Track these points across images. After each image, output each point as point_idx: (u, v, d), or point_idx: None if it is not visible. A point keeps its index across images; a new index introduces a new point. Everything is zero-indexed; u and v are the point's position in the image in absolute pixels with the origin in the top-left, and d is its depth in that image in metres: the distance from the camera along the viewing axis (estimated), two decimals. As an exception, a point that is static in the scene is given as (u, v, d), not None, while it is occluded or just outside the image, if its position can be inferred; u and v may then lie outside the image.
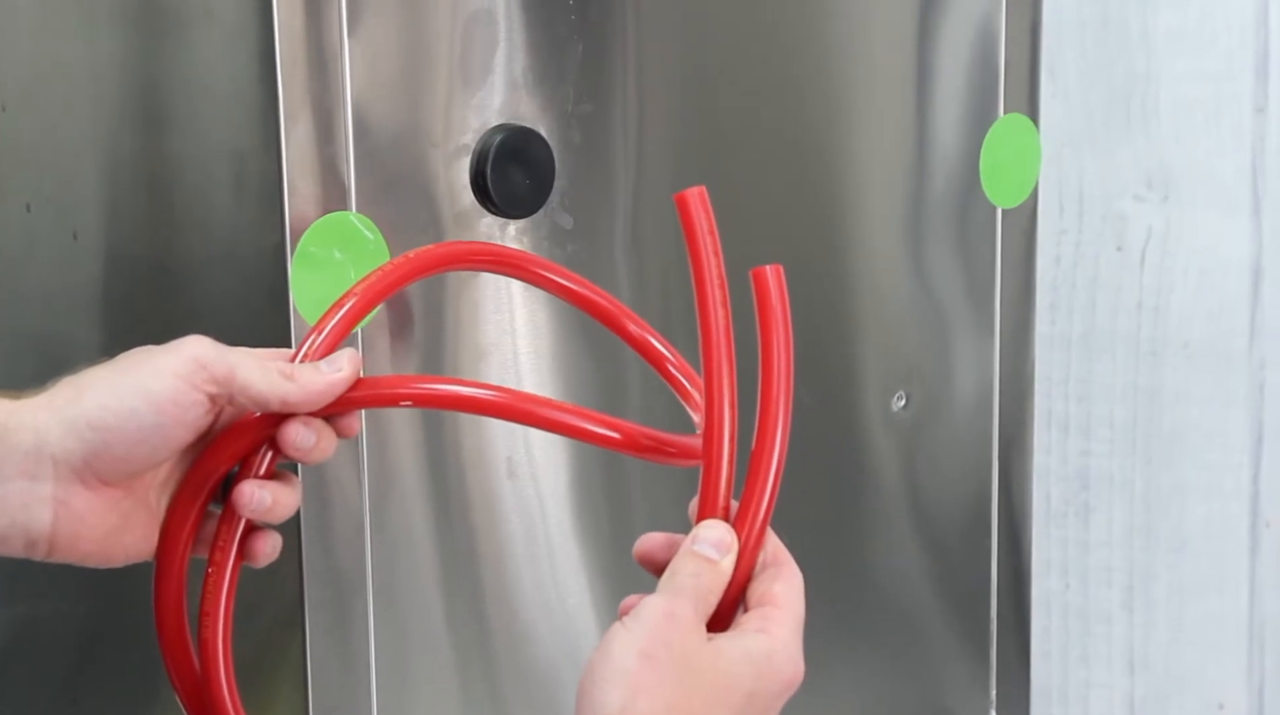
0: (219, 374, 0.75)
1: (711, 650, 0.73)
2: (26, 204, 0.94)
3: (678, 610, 0.73)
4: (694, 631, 0.73)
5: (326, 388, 0.77)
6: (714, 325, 0.79)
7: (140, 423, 0.75)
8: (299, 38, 0.92)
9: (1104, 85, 1.43)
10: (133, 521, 0.78)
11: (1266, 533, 1.50)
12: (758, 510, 0.79)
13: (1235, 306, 1.46)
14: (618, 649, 0.72)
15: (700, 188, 0.81)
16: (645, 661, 0.71)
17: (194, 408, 0.75)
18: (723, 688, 0.73)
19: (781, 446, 0.80)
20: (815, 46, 1.15)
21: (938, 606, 1.31)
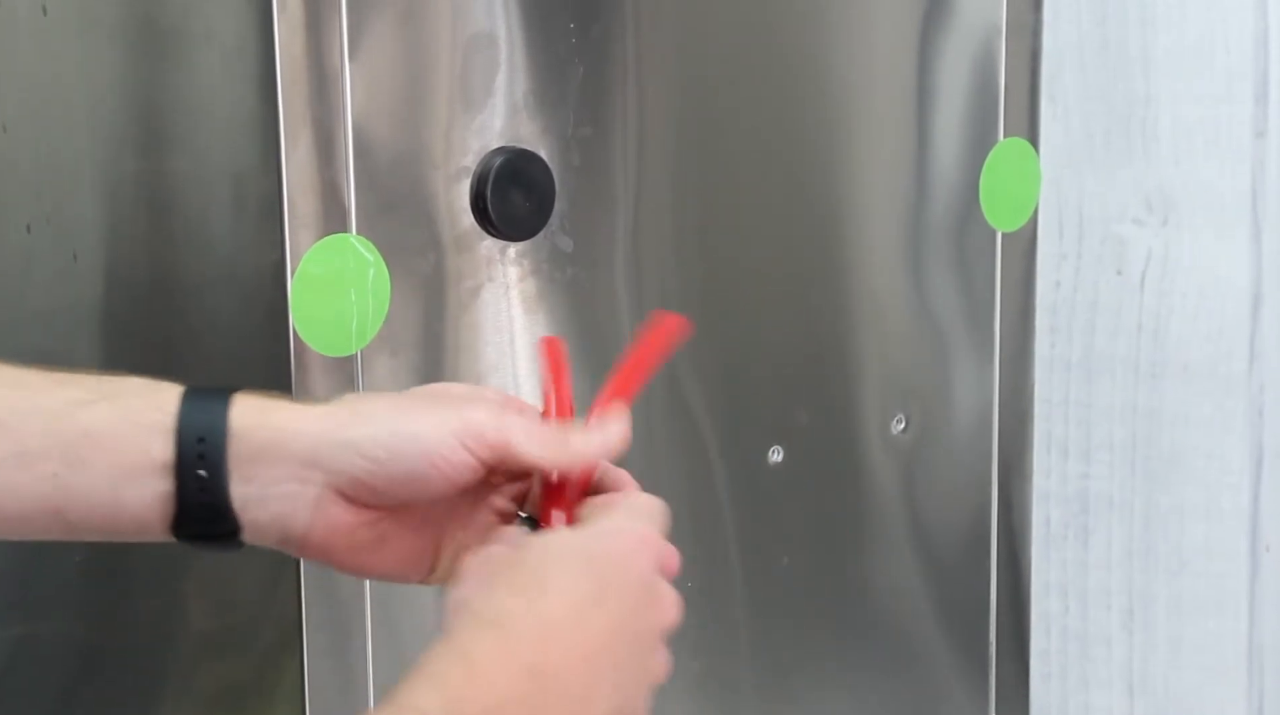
0: (495, 443, 0.78)
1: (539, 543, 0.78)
2: (27, 224, 0.94)
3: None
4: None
5: (599, 451, 0.80)
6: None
7: (407, 467, 0.77)
8: (300, 59, 0.92)
9: (1103, 109, 1.43)
10: (391, 544, 0.80)
11: (1266, 556, 1.49)
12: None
13: (1235, 329, 1.46)
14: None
15: (680, 321, 0.84)
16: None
17: (462, 467, 0.77)
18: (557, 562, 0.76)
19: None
20: (816, 72, 1.16)
21: (937, 628, 1.30)
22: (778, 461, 1.18)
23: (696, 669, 1.16)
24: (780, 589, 1.20)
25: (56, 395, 0.78)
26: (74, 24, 0.91)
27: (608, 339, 1.08)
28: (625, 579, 0.77)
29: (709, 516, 1.15)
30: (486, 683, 0.70)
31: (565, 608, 0.74)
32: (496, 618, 0.73)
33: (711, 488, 1.15)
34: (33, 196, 0.93)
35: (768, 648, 1.20)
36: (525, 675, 0.71)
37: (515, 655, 0.71)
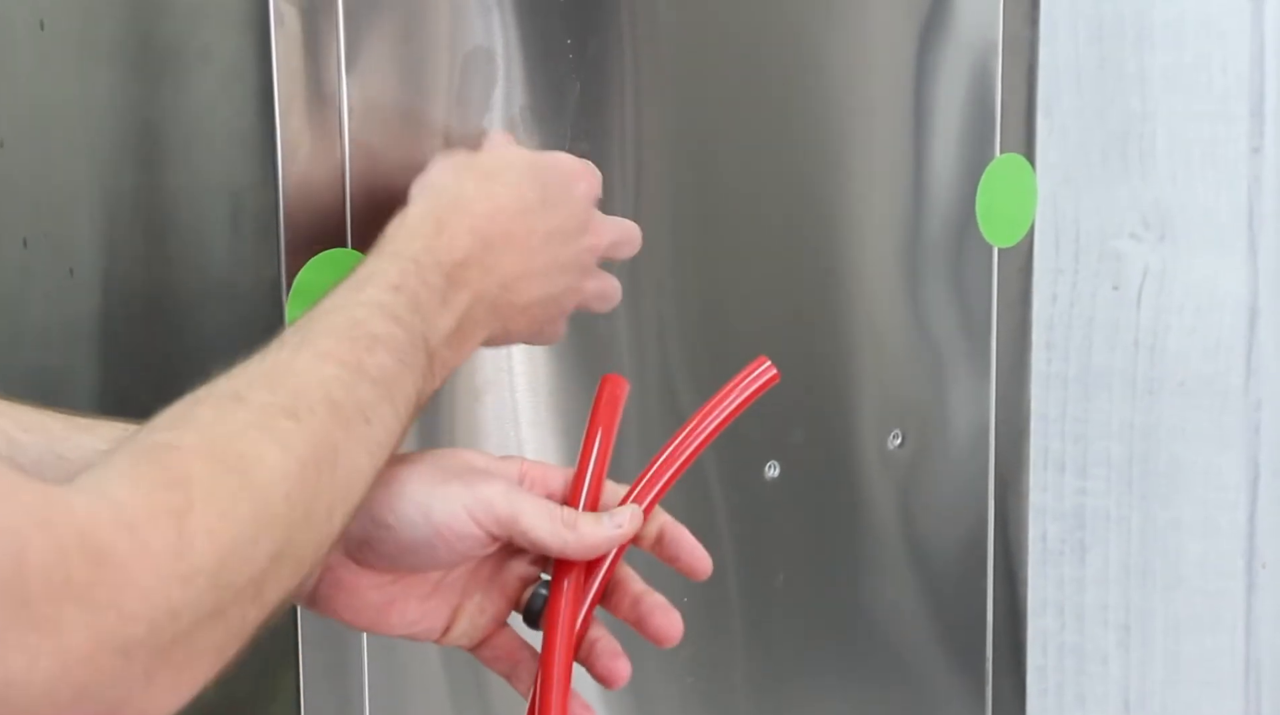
0: (503, 517, 0.79)
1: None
2: (23, 239, 0.94)
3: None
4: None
5: (605, 543, 0.81)
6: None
7: (415, 536, 0.79)
8: (297, 76, 0.92)
9: (1100, 125, 1.43)
10: (400, 607, 0.82)
11: (1263, 572, 1.49)
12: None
13: (1231, 346, 1.46)
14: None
15: (622, 382, 0.87)
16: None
17: (471, 540, 0.79)
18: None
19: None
20: (812, 87, 1.16)
21: (933, 644, 1.30)
22: (774, 477, 1.18)
23: (692, 684, 1.16)
24: (776, 604, 1.20)
25: (77, 442, 0.79)
26: (72, 40, 0.91)
27: (603, 356, 1.08)
28: (566, 196, 0.90)
29: (705, 532, 1.15)
30: (450, 239, 0.83)
31: (514, 202, 0.86)
32: (458, 196, 0.86)
33: (707, 503, 1.15)
34: (30, 212, 0.93)
35: (764, 663, 1.20)
36: (480, 242, 0.84)
37: (474, 226, 0.84)
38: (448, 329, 0.81)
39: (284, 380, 0.72)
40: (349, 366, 0.74)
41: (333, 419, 0.71)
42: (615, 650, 0.83)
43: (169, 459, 0.64)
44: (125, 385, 0.95)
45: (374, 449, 0.74)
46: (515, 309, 0.87)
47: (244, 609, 0.64)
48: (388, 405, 0.75)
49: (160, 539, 0.60)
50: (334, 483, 0.70)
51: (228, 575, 0.63)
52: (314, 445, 0.69)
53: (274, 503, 0.66)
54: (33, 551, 0.56)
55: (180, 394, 0.81)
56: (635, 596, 0.84)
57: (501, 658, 0.86)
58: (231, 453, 0.66)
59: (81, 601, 0.57)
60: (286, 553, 0.66)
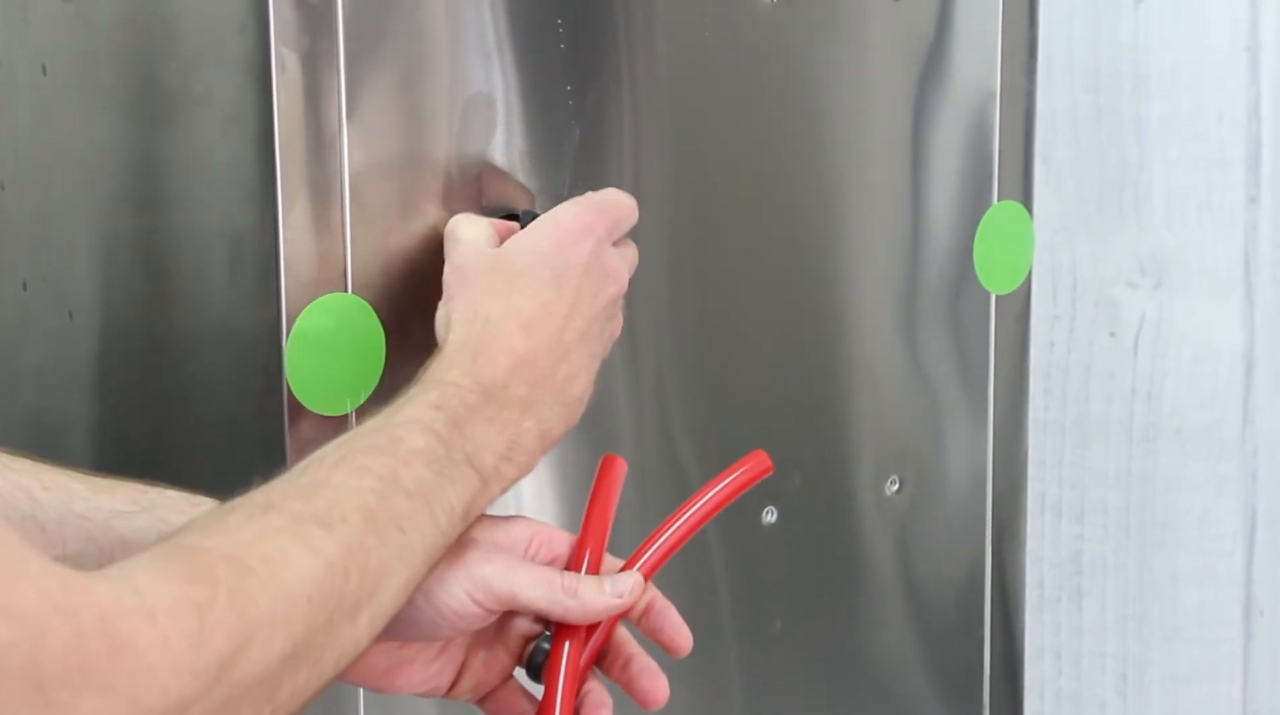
0: (502, 595, 0.82)
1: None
2: (23, 282, 0.94)
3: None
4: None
5: (605, 610, 0.84)
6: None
7: (415, 615, 0.80)
8: (298, 120, 0.92)
9: (1097, 174, 1.44)
10: (406, 669, 0.84)
11: (1260, 621, 1.49)
12: None
13: (1228, 394, 1.46)
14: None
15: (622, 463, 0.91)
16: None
17: (469, 617, 0.82)
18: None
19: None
20: (811, 135, 1.16)
21: (930, 691, 1.30)
22: (771, 522, 1.18)
23: (689, 730, 1.16)
24: (774, 649, 1.20)
25: (96, 504, 0.80)
26: (73, 84, 0.92)
27: (600, 402, 1.08)
28: (575, 270, 0.90)
29: (702, 578, 1.15)
30: (487, 362, 0.85)
31: (534, 304, 0.88)
32: (488, 321, 0.87)
33: (704, 548, 1.15)
34: (29, 255, 0.93)
35: (760, 709, 1.20)
36: (514, 357, 0.85)
37: (504, 342, 0.86)
38: (500, 446, 0.83)
39: (318, 492, 0.73)
40: (384, 479, 0.75)
41: (365, 527, 0.72)
42: (602, 700, 0.86)
43: (194, 557, 0.65)
44: (124, 427, 0.96)
45: (409, 557, 0.75)
46: (572, 402, 0.89)
47: (255, 709, 0.64)
48: (425, 516, 0.76)
49: (179, 631, 0.60)
50: (361, 587, 0.71)
51: (241, 671, 0.63)
52: (344, 550, 0.70)
53: (296, 603, 0.66)
54: (52, 636, 0.56)
55: (178, 436, 0.82)
56: (627, 659, 0.87)
57: (505, 710, 0.88)
58: (256, 554, 0.66)
59: (98, 689, 0.57)
60: (303, 656, 0.67)
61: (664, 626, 0.88)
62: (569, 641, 0.84)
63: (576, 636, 0.84)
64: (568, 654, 0.83)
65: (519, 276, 0.89)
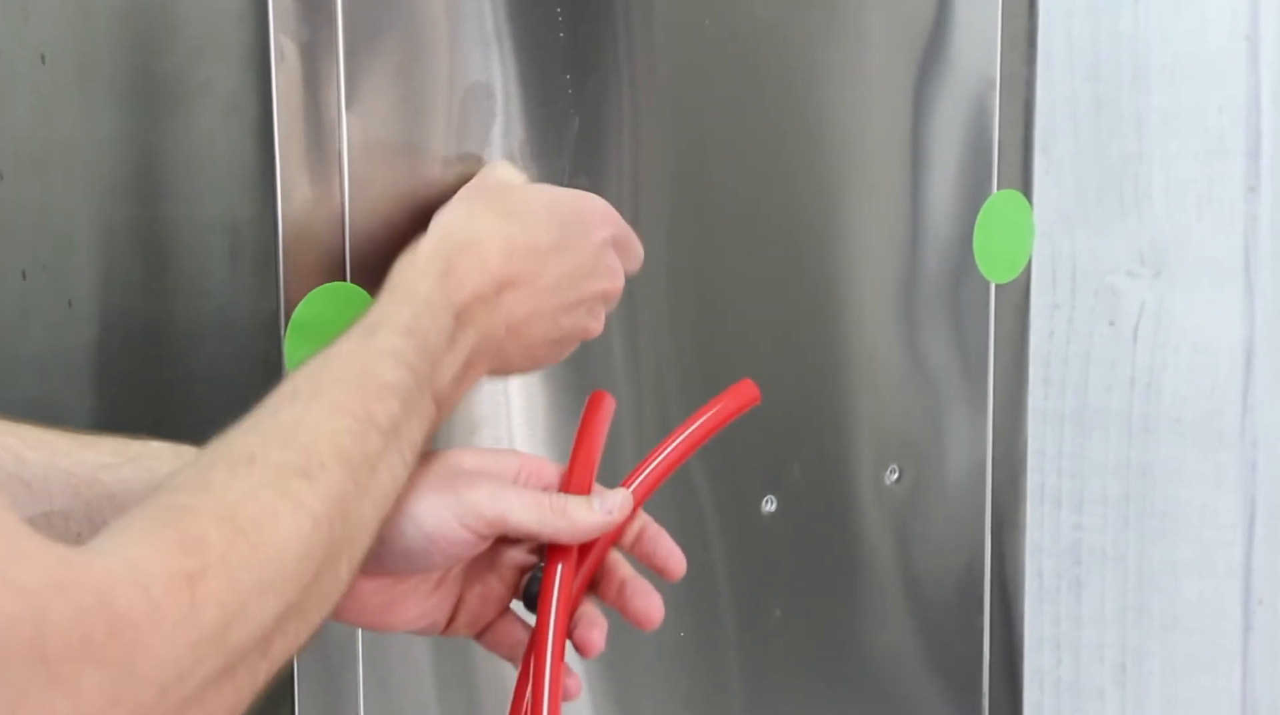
0: (492, 519, 0.81)
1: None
2: (23, 271, 0.94)
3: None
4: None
5: (595, 527, 0.84)
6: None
7: (409, 545, 0.80)
8: (297, 110, 0.92)
9: (1097, 163, 1.44)
10: (401, 606, 0.84)
11: (1259, 610, 1.49)
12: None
13: (1227, 384, 1.46)
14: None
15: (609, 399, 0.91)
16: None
17: (462, 544, 0.81)
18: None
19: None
20: (810, 125, 1.16)
21: (930, 681, 1.30)
22: (771, 512, 1.18)
23: (688, 720, 1.16)
24: (772, 639, 1.20)
25: (81, 458, 0.80)
26: (72, 74, 0.92)
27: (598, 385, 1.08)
28: (582, 241, 0.90)
29: (701, 567, 1.15)
30: (458, 279, 0.84)
31: (526, 243, 0.87)
32: (470, 235, 0.86)
33: (704, 538, 1.15)
34: (29, 244, 0.93)
35: (760, 699, 1.20)
36: (489, 281, 0.85)
37: (483, 265, 0.85)
38: (454, 369, 0.83)
39: (296, 435, 0.73)
40: (359, 417, 0.75)
41: (343, 473, 0.72)
42: (596, 620, 0.86)
43: (184, 522, 0.65)
44: (123, 417, 0.96)
45: (379, 499, 0.75)
46: (518, 347, 0.88)
47: (252, 667, 0.65)
48: (395, 453, 0.76)
49: (173, 603, 0.61)
50: (344, 537, 0.71)
51: (235, 637, 0.64)
52: (326, 502, 0.71)
53: (286, 564, 0.67)
54: (53, 612, 0.57)
55: (178, 427, 0.82)
56: (621, 582, 0.87)
57: (503, 642, 0.88)
58: (245, 515, 0.67)
59: (99, 662, 0.58)
60: (294, 611, 0.68)
61: (657, 550, 0.87)
62: (561, 564, 0.84)
63: (568, 559, 0.84)
64: (560, 576, 0.83)
65: (526, 210, 0.90)
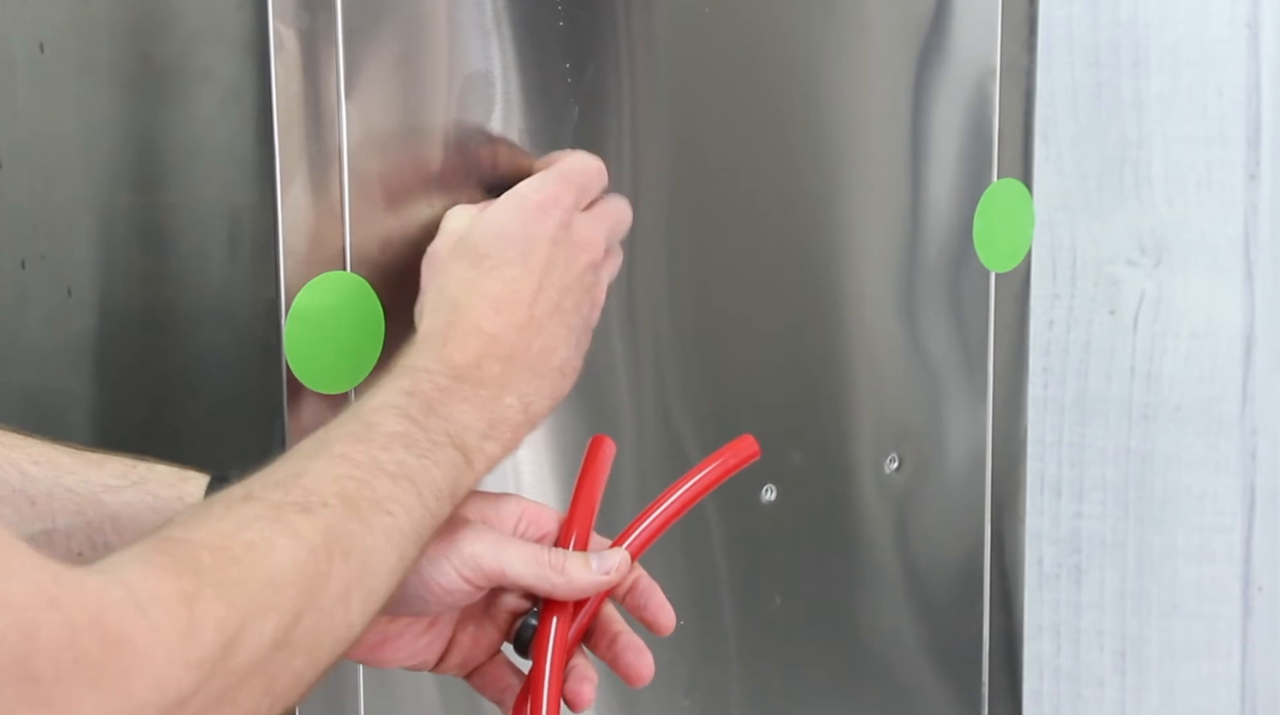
0: (491, 572, 0.82)
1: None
2: (21, 260, 0.94)
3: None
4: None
5: (592, 586, 0.85)
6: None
7: (405, 592, 0.80)
8: (296, 98, 0.92)
9: (1097, 151, 1.44)
10: (394, 643, 0.85)
11: (1259, 597, 1.49)
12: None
13: (1227, 371, 1.46)
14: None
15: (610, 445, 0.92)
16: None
17: (458, 594, 0.82)
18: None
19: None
20: (810, 112, 1.16)
21: (929, 668, 1.30)
22: (770, 500, 1.18)
23: (688, 707, 1.16)
24: (772, 628, 1.20)
25: (85, 477, 0.80)
26: (71, 62, 0.92)
27: (598, 380, 1.08)
28: (542, 245, 0.90)
29: (701, 556, 1.15)
30: (459, 346, 0.85)
31: (500, 283, 0.88)
32: (456, 304, 0.87)
33: (704, 527, 1.15)
34: (28, 233, 0.93)
35: (760, 687, 1.20)
36: (484, 337, 0.85)
37: (472, 324, 0.86)
38: (480, 425, 0.82)
39: (298, 480, 0.72)
40: (363, 465, 0.75)
41: (346, 511, 0.72)
42: (587, 674, 0.87)
43: (178, 549, 0.65)
44: (123, 406, 0.96)
45: (398, 539, 0.74)
46: (552, 375, 0.88)
47: (256, 699, 0.64)
48: (413, 497, 0.76)
49: (170, 623, 0.60)
50: (348, 571, 0.70)
51: (233, 661, 0.62)
52: (325, 535, 0.70)
53: (282, 589, 0.66)
54: (42, 629, 0.56)
55: (177, 415, 0.82)
56: (613, 636, 0.88)
57: (492, 685, 0.89)
58: (239, 542, 0.66)
59: (93, 683, 0.57)
60: (295, 641, 0.66)
61: (648, 605, 0.88)
62: (556, 617, 0.85)
63: (564, 612, 0.85)
64: (555, 629, 0.84)
65: (484, 259, 0.89)
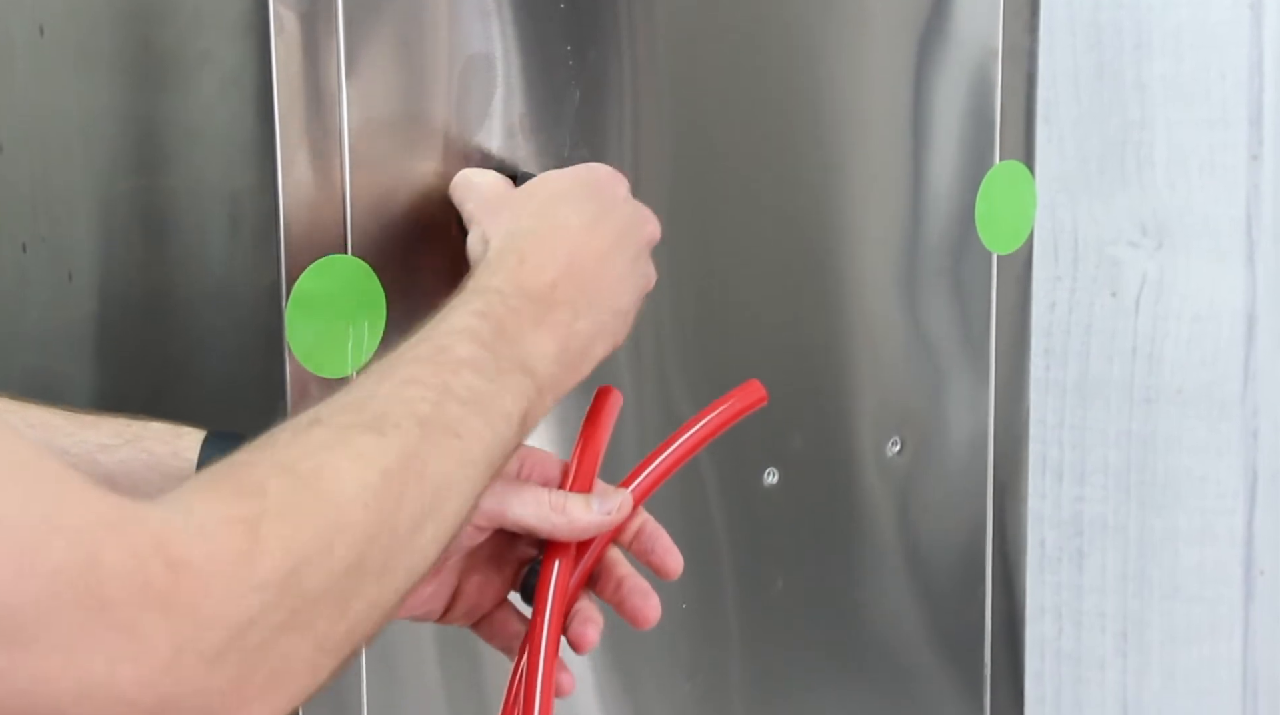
0: (491, 512, 0.82)
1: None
2: (23, 244, 0.94)
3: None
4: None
5: (593, 526, 0.84)
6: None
7: None
8: (297, 80, 0.92)
9: (1098, 133, 1.44)
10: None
11: (1260, 580, 1.49)
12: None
13: (1229, 353, 1.46)
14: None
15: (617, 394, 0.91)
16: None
17: (461, 535, 0.79)
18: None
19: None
20: (812, 95, 1.16)
21: (931, 651, 1.30)
22: (772, 483, 1.18)
23: (690, 690, 1.16)
24: (774, 611, 1.20)
25: (80, 438, 0.80)
26: (71, 45, 0.91)
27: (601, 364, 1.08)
28: (614, 202, 0.90)
29: (703, 538, 1.15)
30: (535, 267, 0.83)
31: (578, 220, 0.87)
32: (532, 228, 0.86)
33: (706, 510, 1.15)
34: (29, 216, 0.93)
35: (762, 669, 1.20)
36: (565, 262, 0.84)
37: (554, 249, 0.85)
38: (551, 349, 0.81)
39: (367, 404, 0.71)
40: (434, 387, 0.74)
41: (419, 432, 0.70)
42: (591, 616, 0.86)
43: (242, 473, 0.64)
44: (123, 389, 0.96)
45: (469, 466, 0.73)
46: (618, 314, 0.87)
47: (330, 624, 0.63)
48: (481, 421, 0.74)
49: (233, 545, 0.60)
50: (421, 494, 0.69)
51: (302, 583, 0.62)
52: (398, 457, 0.69)
53: (350, 511, 0.65)
54: (108, 553, 0.56)
55: (178, 398, 0.82)
56: (619, 580, 0.87)
57: (499, 634, 0.88)
58: (306, 466, 0.66)
59: (160, 607, 0.57)
60: (368, 565, 0.65)
61: (655, 549, 0.87)
62: (559, 560, 0.84)
63: (567, 555, 0.84)
64: (557, 572, 0.83)
65: (562, 198, 0.89)
